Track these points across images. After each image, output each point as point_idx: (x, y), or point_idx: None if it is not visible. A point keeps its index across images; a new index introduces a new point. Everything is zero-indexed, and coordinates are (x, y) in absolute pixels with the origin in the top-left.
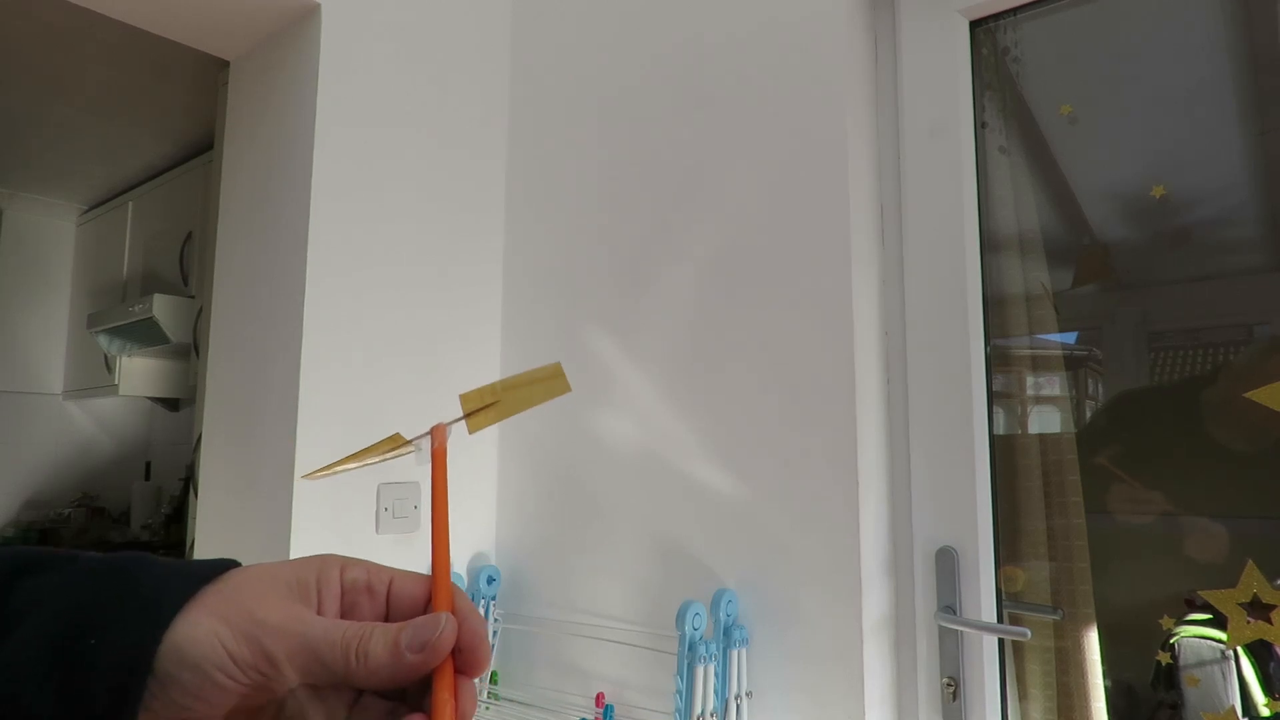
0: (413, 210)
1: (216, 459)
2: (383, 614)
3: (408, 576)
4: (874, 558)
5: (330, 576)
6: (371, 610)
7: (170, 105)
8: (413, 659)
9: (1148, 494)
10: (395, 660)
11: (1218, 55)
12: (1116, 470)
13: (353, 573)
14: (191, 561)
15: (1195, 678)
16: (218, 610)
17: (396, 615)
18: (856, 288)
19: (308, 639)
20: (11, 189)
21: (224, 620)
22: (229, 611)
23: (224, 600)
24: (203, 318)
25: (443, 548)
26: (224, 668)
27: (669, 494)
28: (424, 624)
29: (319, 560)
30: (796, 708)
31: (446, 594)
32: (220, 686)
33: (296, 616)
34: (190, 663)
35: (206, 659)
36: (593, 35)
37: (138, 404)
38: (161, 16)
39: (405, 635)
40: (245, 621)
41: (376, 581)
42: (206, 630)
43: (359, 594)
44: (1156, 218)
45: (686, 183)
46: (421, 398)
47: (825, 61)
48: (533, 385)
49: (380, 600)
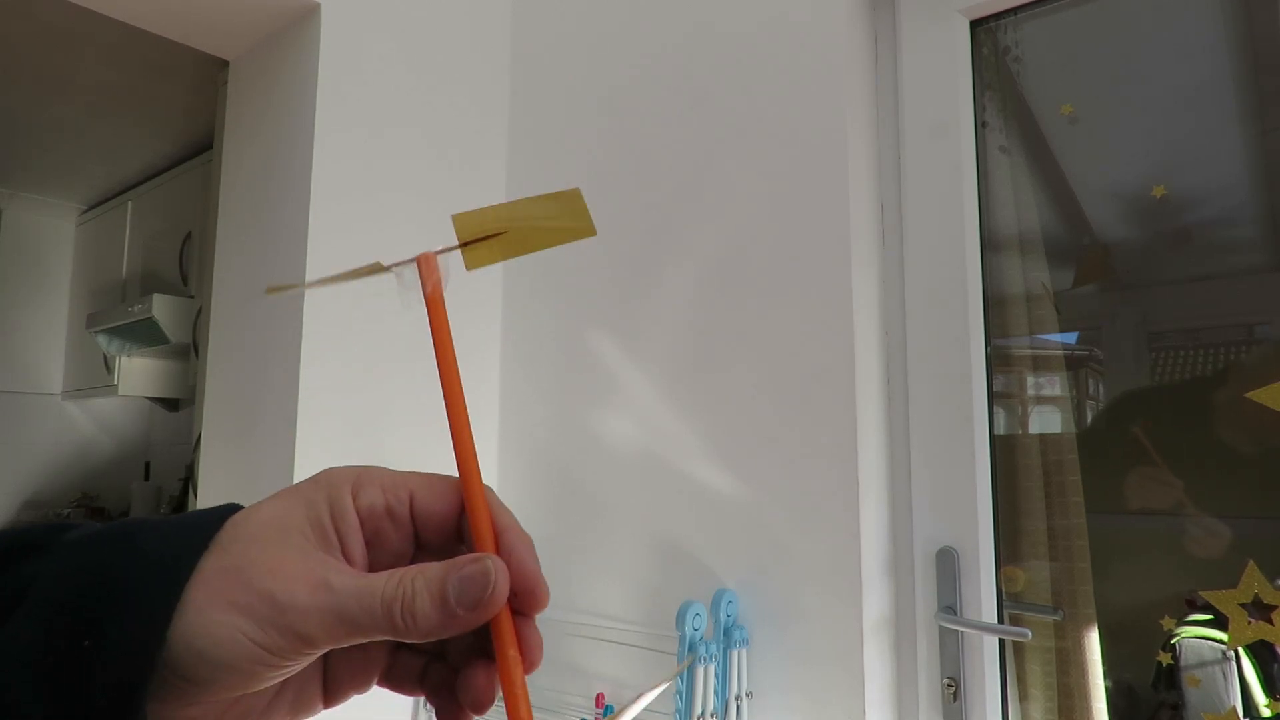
0: (412, 210)
1: (216, 459)
2: (410, 534)
3: (431, 486)
4: (874, 558)
5: (344, 506)
6: (398, 534)
7: (170, 105)
8: (466, 616)
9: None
10: (447, 619)
11: (1218, 55)
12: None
13: (367, 496)
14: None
15: (1196, 678)
16: (231, 596)
17: (427, 531)
18: (856, 288)
19: (341, 610)
20: (11, 189)
21: (241, 610)
22: (244, 597)
23: (235, 582)
24: (202, 318)
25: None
26: (259, 659)
27: (669, 494)
28: (471, 577)
29: (326, 485)
30: (796, 708)
31: (485, 517)
32: (259, 674)
33: (322, 583)
34: (222, 664)
35: (238, 657)
36: (592, 35)
37: (137, 404)
38: (161, 16)
39: (452, 589)
40: (266, 607)
41: (396, 503)
42: (227, 627)
43: (379, 520)
44: (1157, 218)
45: (686, 183)
46: (421, 398)
47: (825, 61)
48: (548, 218)
49: (405, 524)
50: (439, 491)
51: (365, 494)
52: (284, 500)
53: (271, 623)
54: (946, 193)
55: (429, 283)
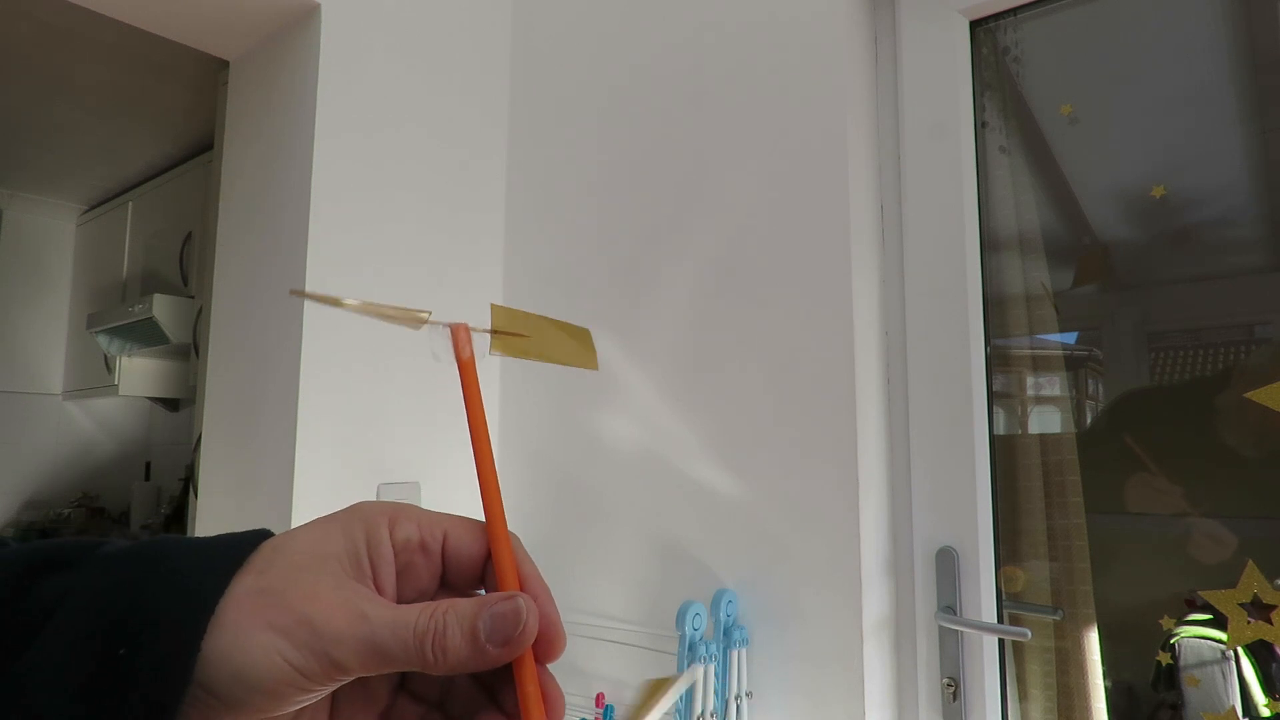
0: (413, 210)
1: (216, 459)
2: (439, 572)
3: (463, 527)
4: (874, 558)
5: (380, 538)
6: (427, 570)
7: (170, 105)
8: (495, 653)
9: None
10: (477, 655)
11: (1218, 55)
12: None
13: (404, 530)
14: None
15: (1195, 678)
16: (269, 617)
17: (454, 571)
18: (856, 288)
19: (376, 642)
20: (11, 189)
21: (280, 632)
22: (283, 619)
23: (273, 604)
24: (203, 318)
25: (493, 496)
26: (294, 682)
27: (669, 494)
28: (503, 615)
29: (364, 518)
30: (796, 708)
31: (510, 563)
32: (289, 697)
33: (359, 614)
34: (257, 686)
35: (274, 679)
36: (592, 35)
37: (138, 404)
38: (161, 16)
39: (484, 625)
40: (304, 631)
41: (430, 539)
42: (265, 649)
43: (413, 554)
44: (1156, 218)
45: (686, 183)
46: (421, 398)
47: (825, 61)
48: (564, 341)
49: (436, 558)
50: (471, 532)
51: (402, 528)
52: (320, 528)
53: (309, 647)
54: (946, 193)
55: (464, 350)
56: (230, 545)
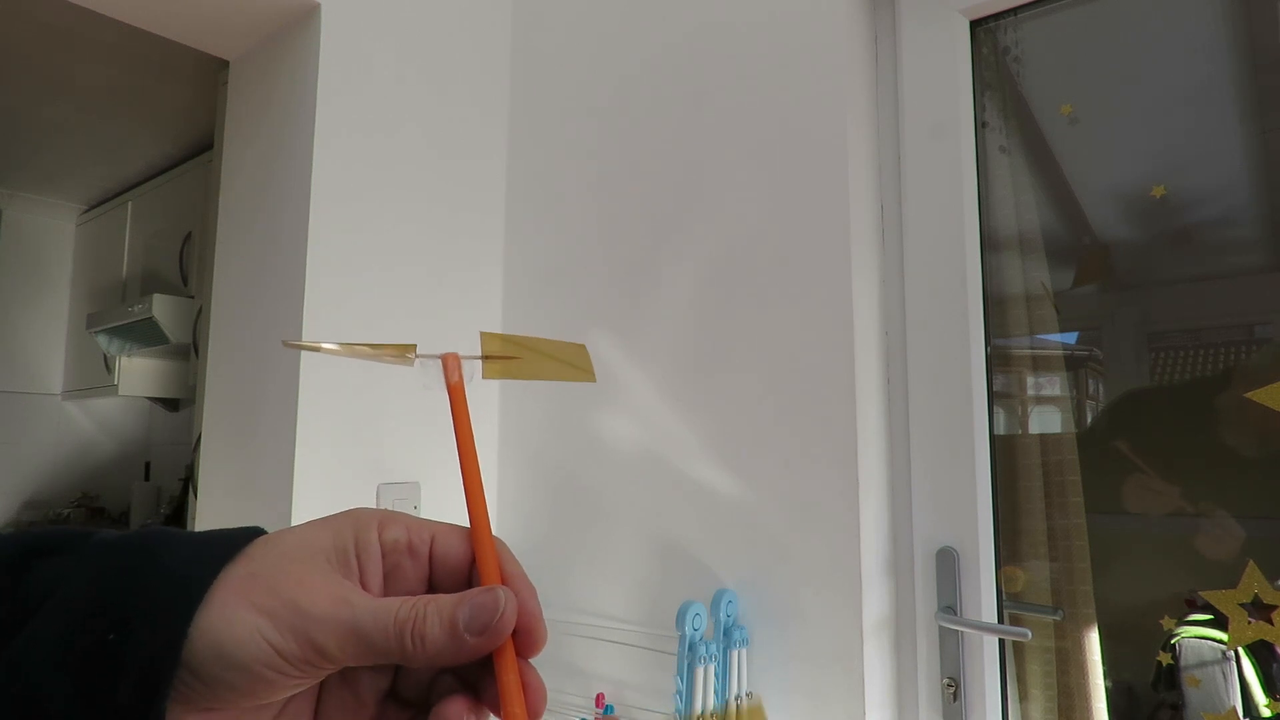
0: (413, 211)
1: (216, 459)
2: (426, 575)
3: (451, 532)
4: (874, 558)
5: (369, 539)
6: (415, 572)
7: (170, 105)
8: (473, 642)
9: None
10: (455, 644)
11: (1218, 55)
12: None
13: (392, 531)
14: (213, 535)
15: (1196, 678)
16: (255, 599)
17: (441, 575)
18: (856, 288)
19: (358, 626)
20: (11, 189)
21: (265, 613)
22: (268, 601)
23: (260, 586)
24: (202, 318)
25: (479, 504)
26: (273, 664)
27: (669, 494)
28: (482, 604)
29: (354, 519)
30: (796, 708)
31: (493, 563)
32: (270, 682)
33: (343, 599)
34: (237, 663)
35: (254, 659)
36: (592, 36)
37: (137, 404)
38: (161, 16)
39: (463, 615)
40: (289, 612)
41: (418, 540)
42: (248, 626)
43: (400, 555)
44: (1156, 218)
45: (686, 183)
46: (421, 399)
47: (825, 61)
48: (557, 358)
49: (423, 560)
50: (458, 536)
51: (391, 530)
52: (311, 528)
53: (291, 628)
54: (946, 193)
55: (453, 376)
56: (223, 539)
